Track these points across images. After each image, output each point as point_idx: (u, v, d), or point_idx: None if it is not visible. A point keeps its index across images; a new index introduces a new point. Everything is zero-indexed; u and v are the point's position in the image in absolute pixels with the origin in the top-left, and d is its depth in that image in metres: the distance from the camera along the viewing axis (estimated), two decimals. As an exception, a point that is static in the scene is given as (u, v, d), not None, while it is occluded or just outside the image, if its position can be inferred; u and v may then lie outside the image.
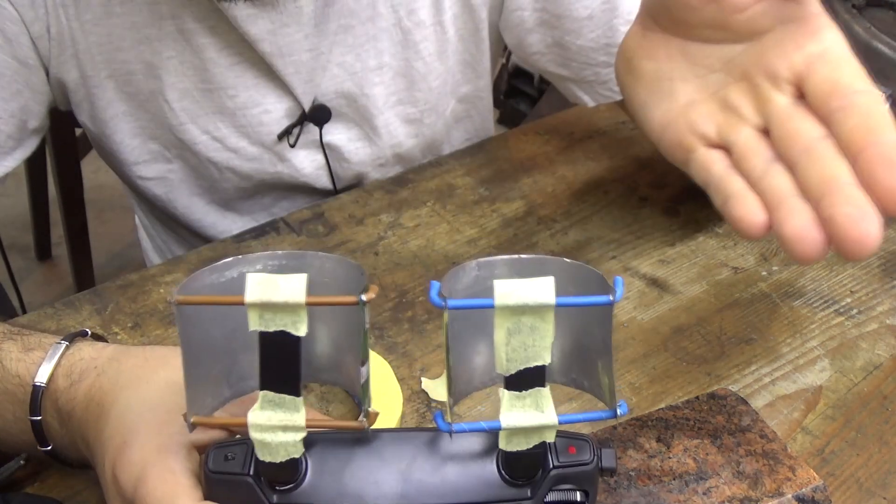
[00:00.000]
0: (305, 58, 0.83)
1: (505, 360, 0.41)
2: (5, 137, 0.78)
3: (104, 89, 0.82)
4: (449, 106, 0.95)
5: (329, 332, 0.46)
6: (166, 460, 0.47)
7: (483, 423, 0.43)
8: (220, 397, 0.47)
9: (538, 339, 0.41)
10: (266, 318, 0.41)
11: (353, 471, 0.45)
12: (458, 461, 0.45)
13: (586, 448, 0.45)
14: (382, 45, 0.86)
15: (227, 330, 0.44)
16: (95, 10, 0.77)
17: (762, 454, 0.58)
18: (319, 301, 0.41)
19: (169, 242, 1.05)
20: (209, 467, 0.45)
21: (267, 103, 0.85)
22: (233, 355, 0.45)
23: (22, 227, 2.14)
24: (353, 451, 0.46)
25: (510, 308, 0.40)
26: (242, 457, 0.44)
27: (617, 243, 0.83)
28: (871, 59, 1.05)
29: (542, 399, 0.42)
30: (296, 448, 0.43)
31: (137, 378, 0.53)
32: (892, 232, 0.85)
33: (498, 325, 0.40)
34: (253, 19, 0.78)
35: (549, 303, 0.40)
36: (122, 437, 0.49)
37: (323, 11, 0.81)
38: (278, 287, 0.40)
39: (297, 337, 0.41)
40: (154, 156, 0.88)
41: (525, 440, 0.43)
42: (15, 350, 0.58)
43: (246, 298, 0.40)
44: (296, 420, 0.42)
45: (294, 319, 0.41)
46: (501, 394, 0.42)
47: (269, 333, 0.41)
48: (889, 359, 0.72)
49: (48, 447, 0.57)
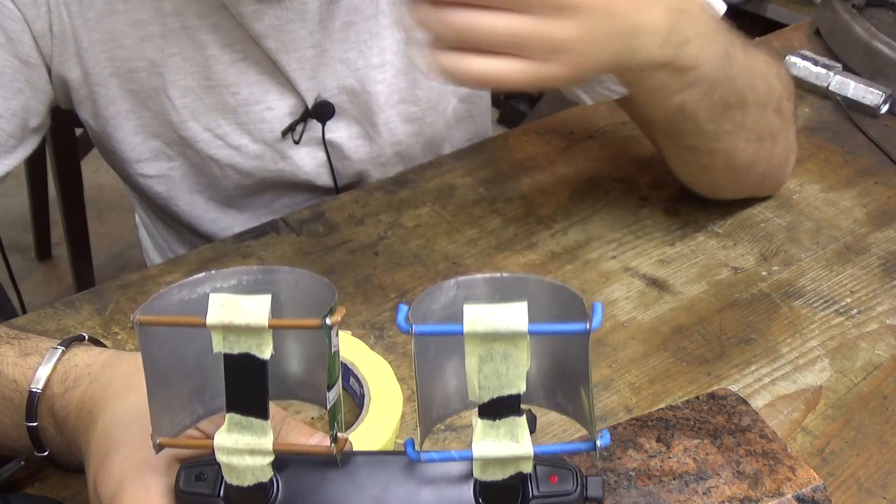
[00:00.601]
0: (309, 54, 0.83)
1: (477, 387, 0.39)
2: (6, 136, 0.78)
3: (107, 87, 0.82)
4: (450, 105, 0.95)
5: (302, 350, 0.45)
6: (143, 477, 0.47)
7: (454, 452, 0.41)
8: (192, 415, 0.46)
9: (511, 366, 0.39)
10: (230, 340, 0.39)
11: (326, 495, 0.44)
12: (434, 488, 0.44)
13: (569, 477, 0.43)
14: (385, 43, 0.86)
15: (198, 347, 0.42)
16: (99, 7, 0.77)
17: (762, 454, 0.58)
18: (283, 324, 0.39)
19: (170, 241, 1.05)
20: (180, 487, 0.44)
21: (269, 101, 0.85)
22: (205, 372, 0.44)
23: (22, 227, 2.14)
24: (325, 474, 0.44)
25: (480, 335, 0.38)
26: (213, 477, 0.43)
27: (617, 243, 0.83)
28: (871, 58, 1.05)
29: (517, 428, 0.40)
30: (263, 472, 0.42)
31: (127, 387, 0.52)
32: (891, 232, 0.85)
33: (469, 352, 0.39)
34: (258, 15, 0.79)
35: (521, 330, 0.38)
36: (105, 449, 0.49)
37: (328, 7, 0.82)
38: (241, 309, 0.39)
39: (262, 360, 0.40)
40: (155, 153, 0.88)
41: (500, 470, 0.41)
42: (11, 355, 0.57)
43: (207, 320, 0.39)
44: (263, 444, 0.41)
45: (258, 342, 0.39)
46: (474, 422, 0.40)
47: (233, 355, 0.40)
48: (889, 359, 0.72)
49: (45, 452, 0.57)
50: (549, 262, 0.80)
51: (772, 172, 0.84)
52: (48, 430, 0.56)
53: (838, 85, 1.02)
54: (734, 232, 0.85)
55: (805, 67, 1.04)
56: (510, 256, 0.81)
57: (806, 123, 1.00)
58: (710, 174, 0.81)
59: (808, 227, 0.85)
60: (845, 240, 0.84)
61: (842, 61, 1.06)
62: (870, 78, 1.03)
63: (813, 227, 0.85)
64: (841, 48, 1.10)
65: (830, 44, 1.12)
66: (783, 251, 0.83)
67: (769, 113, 0.77)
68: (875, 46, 1.05)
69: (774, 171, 0.84)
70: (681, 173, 0.83)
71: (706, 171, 0.80)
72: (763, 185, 0.86)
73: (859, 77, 1.03)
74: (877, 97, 1.00)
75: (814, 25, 1.16)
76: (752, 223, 0.86)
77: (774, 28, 1.26)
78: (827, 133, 0.99)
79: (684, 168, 0.82)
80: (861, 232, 0.85)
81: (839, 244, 0.84)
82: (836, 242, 0.84)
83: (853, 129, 0.99)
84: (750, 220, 0.86)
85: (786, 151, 0.84)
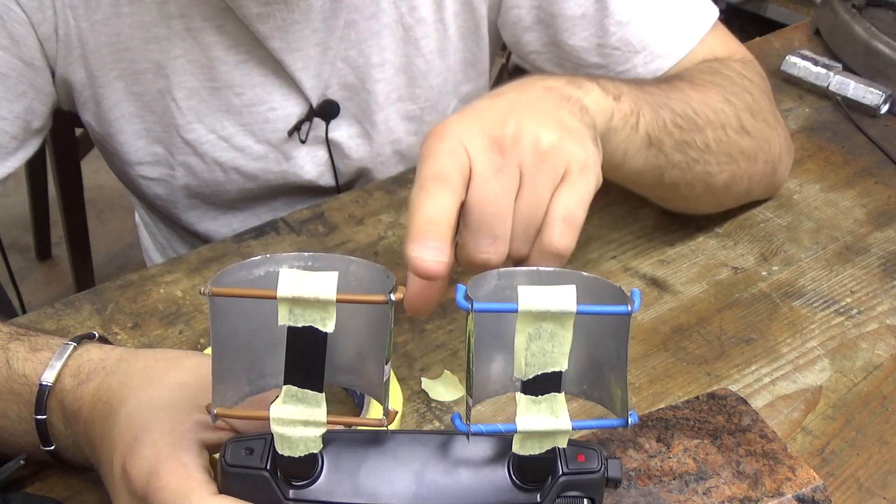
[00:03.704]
0: (313, 52, 0.83)
1: (524, 364, 0.42)
2: (9, 138, 0.78)
3: (112, 89, 0.82)
4: (451, 105, 0.95)
5: (351, 336, 0.46)
6: (179, 456, 0.47)
7: (500, 425, 0.43)
8: (240, 392, 0.47)
9: (557, 345, 0.42)
10: (295, 313, 0.41)
11: (368, 470, 0.46)
12: (471, 465, 0.46)
13: (595, 457, 0.46)
14: (385, 42, 0.86)
15: (251, 326, 0.44)
16: (105, 10, 0.77)
17: (762, 454, 0.58)
18: (349, 299, 0.41)
19: (170, 240, 1.05)
20: (226, 460, 0.45)
21: (273, 101, 0.85)
22: (255, 352, 0.46)
23: (22, 227, 2.14)
24: (368, 451, 0.46)
25: (533, 313, 0.41)
26: (260, 451, 0.45)
27: (617, 243, 0.83)
28: (872, 58, 1.05)
29: (557, 405, 0.43)
30: (315, 443, 0.44)
31: (148, 378, 0.53)
32: (891, 232, 0.85)
33: (519, 330, 0.42)
34: (264, 17, 0.79)
35: (571, 310, 0.41)
36: (132, 434, 0.49)
37: (331, 6, 0.82)
38: (310, 283, 0.41)
39: (324, 333, 0.42)
40: (158, 159, 0.88)
41: (538, 444, 0.44)
42: (22, 350, 0.58)
43: (278, 293, 0.41)
44: (317, 415, 0.43)
45: (323, 316, 0.41)
46: (518, 398, 0.43)
47: (297, 328, 0.42)
48: (889, 359, 0.72)
49: (51, 447, 0.57)
50: (549, 262, 0.80)
51: (755, 188, 0.84)
52: (56, 424, 0.56)
53: (838, 85, 1.02)
54: (734, 232, 0.85)
55: (805, 67, 1.04)
56: (510, 256, 0.81)
57: (806, 123, 1.00)
58: (696, 202, 0.81)
59: (808, 227, 0.85)
60: (845, 240, 0.84)
61: (842, 61, 1.06)
62: (870, 78, 1.03)
63: (813, 227, 0.85)
64: (841, 48, 1.10)
65: (830, 44, 1.12)
66: (783, 251, 0.83)
67: (730, 133, 0.76)
68: (875, 46, 1.05)
69: (758, 186, 0.84)
70: (669, 207, 0.84)
71: (690, 201, 0.80)
72: (749, 197, 0.86)
73: (859, 77, 1.03)
74: (877, 97, 1.00)
75: (814, 25, 1.16)
76: (752, 223, 0.86)
77: (774, 28, 1.26)
78: (827, 133, 0.99)
79: (671, 204, 0.82)
80: (861, 232, 0.85)
81: (839, 244, 0.84)
82: (836, 242, 0.84)
83: (853, 129, 0.99)
84: (750, 220, 0.86)
85: (769, 165, 0.83)
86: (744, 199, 0.85)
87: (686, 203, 0.81)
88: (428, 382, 0.69)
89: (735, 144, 0.77)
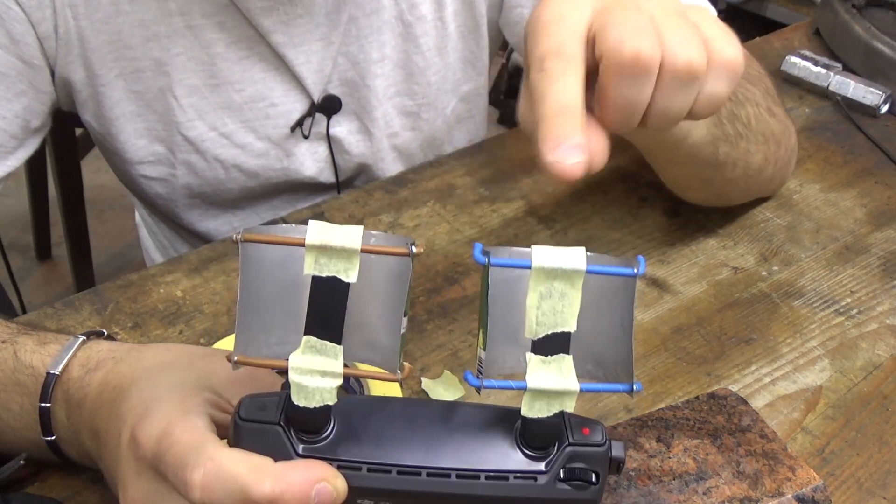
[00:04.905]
0: (316, 48, 0.84)
1: (535, 323, 0.44)
2: (8, 137, 0.78)
3: (112, 88, 0.82)
4: (450, 104, 0.95)
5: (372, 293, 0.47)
6: (191, 419, 0.48)
7: (511, 381, 0.45)
8: (258, 352, 0.48)
9: (567, 305, 0.44)
10: (321, 262, 0.43)
11: (378, 431, 0.47)
12: (479, 431, 0.47)
13: (599, 430, 0.47)
14: (385, 38, 0.87)
15: (276, 288, 0.45)
16: (105, 8, 0.77)
17: (762, 454, 0.58)
18: (374, 249, 0.43)
19: (171, 239, 1.05)
20: (240, 415, 0.46)
21: (273, 97, 0.86)
22: (275, 318, 0.47)
23: (22, 227, 2.14)
24: (378, 413, 0.48)
25: (545, 271, 0.43)
26: (273, 407, 0.46)
27: (617, 243, 0.83)
28: (872, 58, 1.05)
29: (565, 366, 0.45)
30: (331, 395, 0.45)
31: (159, 363, 0.54)
32: (891, 232, 0.85)
33: (532, 288, 0.43)
34: (267, 11, 0.80)
35: (581, 268, 0.43)
36: (143, 405, 0.50)
37: (335, 2, 0.82)
38: (336, 233, 0.43)
39: (346, 284, 0.43)
40: (159, 158, 0.88)
41: (546, 406, 0.45)
42: (30, 343, 0.59)
43: (307, 240, 0.43)
44: (334, 367, 0.44)
45: (346, 266, 0.43)
46: (528, 357, 0.45)
47: (321, 278, 0.43)
48: (889, 359, 0.72)
49: (52, 437, 0.57)
50: (549, 262, 0.80)
51: (777, 174, 0.84)
52: (59, 414, 0.56)
53: (838, 85, 1.02)
54: (734, 232, 0.85)
55: (805, 67, 1.04)
56: (510, 256, 0.81)
57: (806, 123, 1.00)
58: (729, 189, 0.81)
59: (808, 227, 0.85)
60: (845, 240, 0.84)
61: (842, 61, 1.06)
62: (870, 78, 1.03)
63: (813, 227, 0.85)
64: (841, 48, 1.10)
65: (830, 44, 1.12)
66: (783, 251, 0.83)
67: (762, 111, 0.77)
68: (875, 46, 1.05)
69: (779, 172, 0.85)
70: (698, 197, 0.83)
71: (729, 184, 0.79)
72: (769, 187, 0.86)
73: (859, 77, 1.03)
74: (877, 97, 1.00)
75: (814, 25, 1.16)
76: (752, 223, 0.86)
77: (774, 28, 1.26)
78: (827, 133, 0.99)
79: (703, 191, 0.82)
80: (861, 232, 0.85)
81: (839, 244, 0.84)
82: (836, 242, 0.84)
83: (853, 129, 0.99)
84: (750, 220, 0.86)
85: (788, 153, 0.84)
86: (767, 187, 0.85)
87: (718, 189, 0.81)
88: (428, 382, 0.69)
89: (766, 124, 0.77)
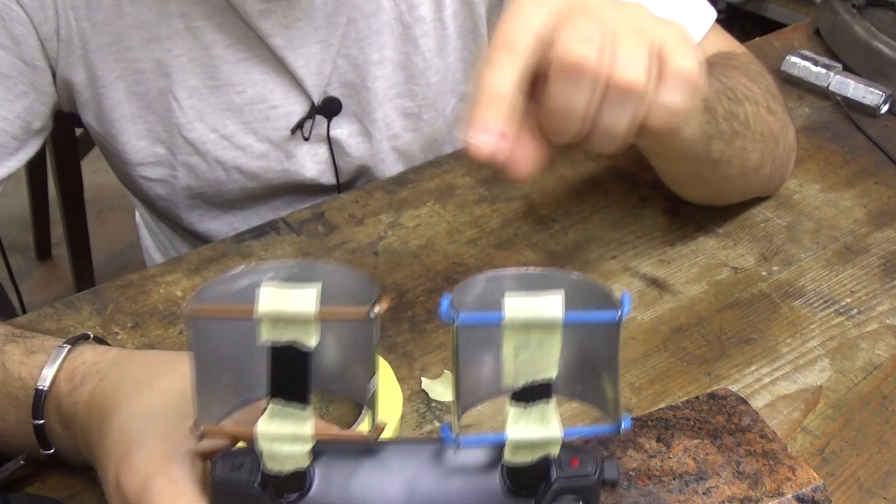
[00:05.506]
0: (315, 50, 0.84)
1: (513, 374, 0.41)
2: (9, 139, 0.78)
3: (113, 90, 0.82)
4: (449, 104, 0.95)
5: (338, 342, 0.46)
6: (171, 470, 0.47)
7: (489, 435, 0.43)
8: (228, 405, 0.47)
9: (545, 354, 0.41)
10: (277, 330, 0.41)
11: (359, 481, 0.45)
12: (463, 474, 0.45)
13: (589, 460, 0.45)
14: (384, 39, 0.87)
15: (237, 339, 0.44)
16: (107, 10, 0.78)
17: (762, 454, 0.58)
18: (330, 315, 0.41)
19: (172, 239, 1.05)
20: (216, 476, 0.44)
21: (274, 99, 0.86)
22: (242, 364, 0.45)
23: (22, 227, 2.14)
24: (359, 461, 0.46)
25: (519, 324, 0.40)
26: (249, 466, 0.44)
27: (617, 243, 0.83)
28: (872, 58, 1.05)
29: (548, 413, 0.42)
30: (303, 459, 0.43)
31: (140, 384, 0.53)
32: (891, 232, 0.85)
33: (506, 341, 0.41)
34: (265, 14, 0.80)
35: (557, 319, 0.40)
36: (125, 445, 0.49)
37: (333, 4, 0.82)
38: (290, 300, 0.40)
39: (307, 349, 0.41)
40: (159, 159, 0.88)
41: (530, 453, 0.43)
42: (17, 353, 0.58)
43: (259, 310, 0.40)
44: (304, 431, 0.42)
45: (305, 331, 0.41)
46: (507, 407, 0.43)
47: (279, 345, 0.41)
48: (889, 359, 0.72)
49: (51, 450, 0.57)
50: (548, 262, 0.80)
51: (776, 173, 0.84)
52: (54, 427, 0.56)
53: (838, 85, 1.02)
54: (734, 232, 0.85)
55: (805, 67, 1.04)
56: (510, 256, 0.81)
57: (806, 123, 1.00)
58: (724, 186, 0.81)
59: (808, 227, 0.85)
60: (845, 240, 0.84)
61: (842, 61, 1.06)
62: (870, 78, 1.03)
63: (813, 227, 0.85)
64: (841, 48, 1.10)
65: (830, 44, 1.12)
66: (783, 251, 0.83)
67: (761, 110, 0.77)
68: (875, 46, 1.05)
69: (778, 171, 0.84)
70: (693, 194, 0.83)
71: (725, 181, 0.80)
72: (767, 186, 0.86)
73: (859, 77, 1.03)
74: (877, 97, 1.00)
75: (814, 25, 1.16)
76: (752, 223, 0.86)
77: (774, 28, 1.26)
78: (827, 133, 0.99)
79: (698, 190, 0.82)
80: (861, 232, 0.85)
81: (839, 244, 0.84)
82: (836, 242, 0.84)
83: (853, 129, 0.99)
84: (750, 220, 0.86)
85: (787, 151, 0.84)
86: (765, 186, 0.85)
87: (715, 187, 0.81)
88: (428, 382, 0.69)
89: (765, 123, 0.77)
